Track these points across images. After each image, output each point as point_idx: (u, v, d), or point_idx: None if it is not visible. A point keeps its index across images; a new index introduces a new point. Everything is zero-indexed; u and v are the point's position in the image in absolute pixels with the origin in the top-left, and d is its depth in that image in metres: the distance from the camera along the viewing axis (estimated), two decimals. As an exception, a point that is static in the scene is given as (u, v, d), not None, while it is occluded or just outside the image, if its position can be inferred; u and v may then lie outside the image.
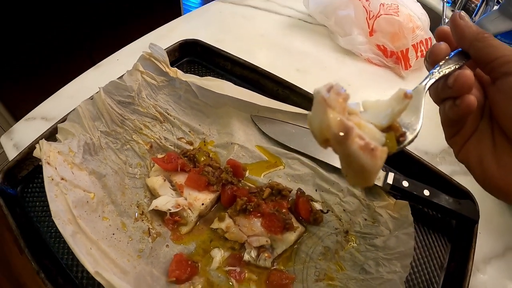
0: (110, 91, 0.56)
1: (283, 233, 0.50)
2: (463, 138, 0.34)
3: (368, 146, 0.26)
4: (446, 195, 0.54)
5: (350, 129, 0.26)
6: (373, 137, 0.28)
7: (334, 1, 0.89)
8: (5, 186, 0.53)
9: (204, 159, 0.56)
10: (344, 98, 0.27)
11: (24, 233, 0.48)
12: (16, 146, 0.63)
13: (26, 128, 0.66)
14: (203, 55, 0.76)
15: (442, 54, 0.33)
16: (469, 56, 0.32)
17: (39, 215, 0.52)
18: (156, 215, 0.53)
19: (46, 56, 1.57)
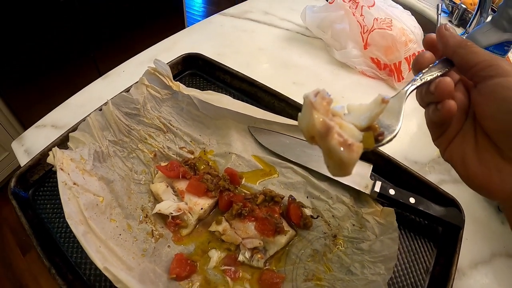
0: (118, 103, 0.61)
1: (275, 236, 0.53)
2: (448, 138, 0.36)
3: (346, 142, 0.30)
4: (432, 203, 0.56)
5: (331, 128, 0.30)
6: (352, 135, 0.31)
7: (330, 15, 0.92)
8: (18, 189, 0.56)
9: (204, 167, 0.60)
10: (327, 102, 0.32)
11: (36, 233, 0.51)
12: (27, 152, 0.66)
13: (36, 134, 0.70)
14: (204, 68, 0.80)
15: (426, 62, 0.35)
16: (453, 64, 0.34)
17: (50, 216, 0.56)
18: (159, 218, 0.56)
19: (52, 64, 1.60)
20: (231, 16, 1.05)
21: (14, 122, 1.59)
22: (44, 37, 1.50)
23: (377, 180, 0.59)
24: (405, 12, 0.95)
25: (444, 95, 0.33)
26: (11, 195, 0.55)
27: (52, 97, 1.58)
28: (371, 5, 0.91)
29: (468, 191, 0.65)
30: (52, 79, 1.63)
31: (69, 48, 1.64)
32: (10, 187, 0.55)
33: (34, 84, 1.58)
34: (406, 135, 0.77)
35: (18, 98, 1.55)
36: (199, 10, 3.03)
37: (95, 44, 1.74)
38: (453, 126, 0.35)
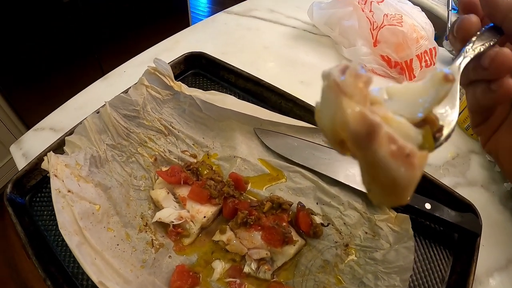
0: (116, 105, 0.58)
1: (283, 246, 0.50)
2: (493, 126, 0.31)
3: (403, 152, 0.19)
4: (448, 208, 0.54)
5: (377, 126, 0.19)
6: (406, 136, 0.21)
7: (338, 12, 0.90)
8: (14, 195, 0.54)
9: (207, 172, 0.57)
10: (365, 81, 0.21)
11: (32, 241, 0.49)
12: (25, 156, 0.65)
13: (34, 138, 0.68)
14: (208, 67, 0.77)
15: (473, 28, 0.28)
16: (502, 32, 0.28)
17: (47, 224, 0.54)
18: (160, 226, 0.54)
19: (56, 65, 1.60)
20: (235, 14, 1.02)
21: (19, 124, 1.59)
22: (48, 38, 1.50)
23: (390, 184, 0.56)
24: (415, 8, 0.92)
25: (502, 71, 0.27)
26: (7, 201, 0.52)
27: (57, 98, 1.56)
28: (381, 0, 0.88)
29: (483, 194, 0.65)
30: (56, 80, 1.62)
31: (73, 49, 1.63)
32: (6, 193, 0.53)
33: (38, 86, 1.58)
34: None
35: (22, 99, 1.54)
36: (204, 11, 3.01)
37: (99, 45, 1.73)
38: (499, 111, 0.30)
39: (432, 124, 0.23)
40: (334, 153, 0.60)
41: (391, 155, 0.19)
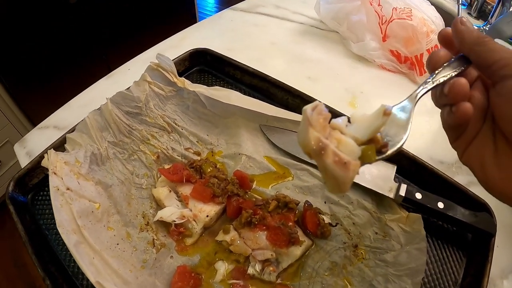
0: (117, 101, 0.57)
1: (289, 247, 0.49)
2: (466, 141, 0.34)
3: (341, 161, 0.29)
4: (461, 208, 0.52)
5: (326, 146, 0.30)
6: (350, 152, 0.31)
7: (346, 6, 0.88)
8: (16, 194, 0.54)
9: (211, 170, 0.55)
10: (324, 118, 0.31)
11: (32, 240, 0.49)
12: (29, 155, 0.64)
13: (38, 136, 0.68)
14: (213, 64, 0.76)
15: (440, 61, 0.33)
16: (470, 61, 0.32)
17: (48, 223, 0.53)
18: (161, 225, 0.52)
19: (64, 65, 1.61)
20: (241, 10, 1.01)
21: (27, 123, 1.60)
22: (54, 37, 1.50)
23: (401, 182, 0.54)
24: (424, 2, 0.90)
25: (458, 97, 0.31)
26: (8, 199, 0.52)
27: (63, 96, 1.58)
28: (389, -6, 0.86)
29: None
30: (64, 79, 1.63)
31: (81, 49, 1.64)
32: (8, 191, 0.52)
33: (45, 84, 1.59)
34: (430, 133, 0.72)
35: (29, 98, 1.55)
36: (212, 11, 3.02)
37: (106, 44, 1.74)
38: (471, 128, 0.33)
39: (377, 143, 0.32)
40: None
41: (334, 163, 0.30)
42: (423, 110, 0.74)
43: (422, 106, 0.74)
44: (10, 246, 1.66)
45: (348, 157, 0.30)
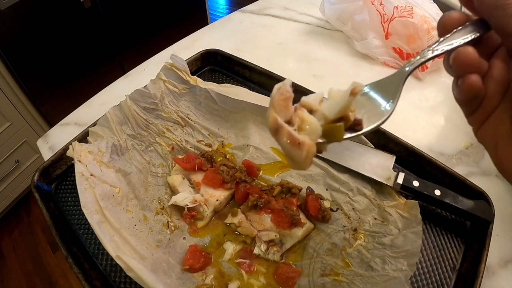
0: (135, 98, 0.61)
1: (291, 228, 0.52)
2: (482, 117, 0.30)
3: (295, 141, 0.30)
4: (459, 195, 0.53)
5: (280, 127, 0.30)
6: (311, 131, 0.31)
7: (349, 7, 0.90)
8: (40, 183, 0.59)
9: (221, 159, 0.59)
10: (285, 98, 0.31)
11: (56, 224, 0.53)
12: (52, 149, 0.69)
13: (60, 132, 0.73)
14: (223, 63, 0.80)
15: (452, 24, 0.29)
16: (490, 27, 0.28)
17: (70, 209, 0.58)
18: (175, 209, 0.57)
19: (79, 67, 1.66)
20: (250, 12, 1.05)
21: (44, 124, 1.66)
22: (71, 41, 1.56)
23: (400, 171, 0.57)
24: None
25: (462, 69, 0.28)
26: (34, 187, 0.57)
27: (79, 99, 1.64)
28: (391, -8, 0.88)
29: (498, 184, 0.63)
30: (79, 81, 1.68)
31: (96, 51, 1.69)
32: (33, 181, 0.58)
33: (62, 87, 1.64)
34: (431, 126, 0.74)
35: (47, 100, 1.61)
36: (223, 12, 3.06)
37: (121, 47, 1.79)
38: (487, 102, 0.29)
39: (347, 121, 0.31)
40: (344, 142, 0.61)
41: (289, 143, 0.30)
42: (424, 104, 0.77)
43: (423, 100, 0.77)
44: (28, 242, 1.73)
45: (302, 137, 0.30)
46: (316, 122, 0.31)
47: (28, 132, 1.61)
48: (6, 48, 1.34)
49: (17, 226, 1.78)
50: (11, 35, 1.35)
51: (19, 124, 1.56)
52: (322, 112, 0.31)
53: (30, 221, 1.79)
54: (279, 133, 0.30)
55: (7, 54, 1.35)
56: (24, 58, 1.43)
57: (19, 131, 1.57)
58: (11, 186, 1.69)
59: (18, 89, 1.47)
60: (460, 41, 0.28)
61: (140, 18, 1.82)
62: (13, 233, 1.76)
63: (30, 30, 1.40)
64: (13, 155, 1.61)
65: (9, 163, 1.61)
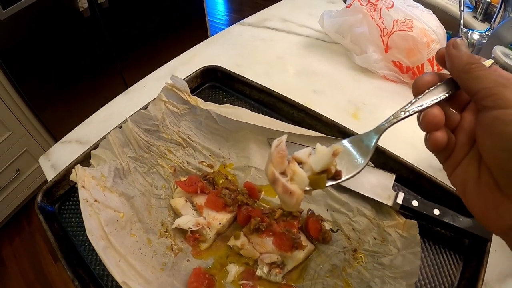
0: (137, 120, 0.62)
1: (293, 251, 0.53)
2: (454, 163, 0.33)
3: (287, 191, 0.37)
4: (457, 214, 0.54)
5: (277, 180, 0.38)
6: (300, 181, 0.38)
7: (349, 20, 0.90)
8: (44, 204, 0.60)
9: (223, 181, 0.60)
10: (281, 155, 0.38)
11: (61, 246, 0.54)
12: (54, 167, 0.70)
13: (62, 150, 0.73)
14: (223, 80, 0.80)
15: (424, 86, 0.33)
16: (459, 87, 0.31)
17: (74, 230, 0.59)
18: (179, 232, 0.58)
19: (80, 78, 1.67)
20: (249, 25, 1.06)
21: (45, 134, 1.68)
22: (70, 50, 1.57)
23: (400, 190, 0.58)
24: (425, 12, 0.91)
25: (428, 128, 0.31)
26: (38, 209, 0.58)
27: (79, 108, 1.66)
28: (390, 6, 0.88)
29: None
30: (79, 90, 1.69)
31: (95, 60, 1.70)
32: (36, 202, 0.59)
33: (62, 96, 1.65)
34: None
35: (47, 109, 1.62)
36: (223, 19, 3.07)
37: (120, 55, 1.79)
38: (458, 150, 0.33)
39: (329, 173, 0.37)
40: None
41: (282, 192, 0.38)
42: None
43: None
44: (29, 251, 1.73)
45: (293, 187, 0.37)
46: (304, 175, 0.37)
47: (29, 141, 1.62)
48: (6, 57, 1.35)
49: (18, 234, 1.79)
50: (11, 44, 1.36)
51: (20, 134, 1.57)
52: (310, 165, 0.38)
53: (31, 229, 1.80)
54: (275, 184, 0.38)
55: (7, 64, 1.36)
56: (24, 67, 1.44)
57: (19, 141, 1.59)
58: (12, 195, 1.70)
59: (19, 98, 1.48)
60: (430, 102, 0.32)
61: (139, 26, 1.82)
62: (14, 241, 1.77)
63: (30, 39, 1.40)
64: (14, 164, 1.62)
65: (10, 172, 1.62)
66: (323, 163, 0.37)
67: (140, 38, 1.85)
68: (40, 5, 1.36)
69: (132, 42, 1.82)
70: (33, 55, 1.44)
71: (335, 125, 0.66)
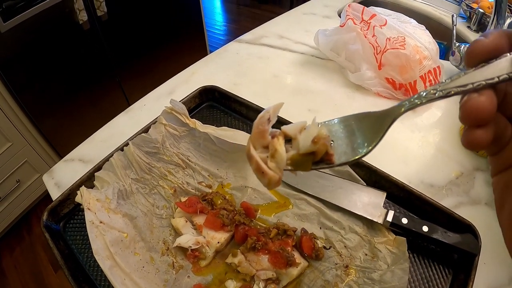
0: (138, 143, 0.65)
1: (287, 268, 0.56)
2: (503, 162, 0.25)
3: (260, 170, 0.34)
4: (445, 230, 0.56)
5: (251, 156, 0.34)
6: (279, 161, 0.33)
7: (343, 38, 0.93)
8: (49, 222, 0.62)
9: (221, 202, 0.63)
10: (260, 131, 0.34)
11: (68, 263, 0.56)
12: (57, 185, 0.72)
13: (65, 168, 0.75)
14: (221, 100, 0.83)
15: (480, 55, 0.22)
16: None
17: (80, 247, 0.61)
18: (180, 250, 0.60)
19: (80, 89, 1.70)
20: (246, 42, 1.08)
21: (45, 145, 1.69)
22: (70, 62, 1.60)
23: (390, 208, 0.60)
24: (418, 27, 0.94)
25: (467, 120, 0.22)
26: (44, 227, 0.60)
27: (81, 119, 1.69)
28: (383, 24, 0.91)
29: (487, 213, 0.65)
30: (78, 101, 1.72)
31: (94, 71, 1.73)
32: (42, 220, 0.61)
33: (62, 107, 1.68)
34: (422, 156, 0.76)
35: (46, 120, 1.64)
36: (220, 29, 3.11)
37: (119, 67, 1.82)
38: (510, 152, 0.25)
39: (315, 156, 0.32)
40: (337, 181, 0.66)
41: (255, 170, 0.34)
42: (416, 135, 0.79)
43: (415, 130, 0.80)
44: (29, 261, 1.74)
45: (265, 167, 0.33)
46: (283, 154, 0.33)
47: (29, 152, 1.65)
48: (6, 68, 1.38)
49: (18, 244, 1.80)
50: (11, 56, 1.38)
51: (20, 145, 1.60)
52: (298, 142, 0.33)
53: (32, 240, 1.81)
54: (250, 160, 0.35)
55: (7, 75, 1.39)
56: (24, 79, 1.47)
57: (20, 152, 1.61)
58: (12, 205, 1.72)
59: (19, 109, 1.50)
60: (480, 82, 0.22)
61: (138, 37, 1.85)
62: (15, 251, 1.78)
63: (30, 51, 1.43)
64: (14, 175, 1.64)
65: (11, 182, 1.64)
66: (307, 145, 0.32)
67: (139, 49, 1.88)
68: (41, 18, 1.39)
69: (131, 54, 1.85)
70: (33, 67, 1.47)
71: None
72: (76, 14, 1.49)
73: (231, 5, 3.59)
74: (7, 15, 1.29)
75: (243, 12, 3.35)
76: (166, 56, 1.97)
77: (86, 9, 1.51)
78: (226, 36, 3.01)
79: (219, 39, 2.99)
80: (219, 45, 2.92)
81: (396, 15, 0.99)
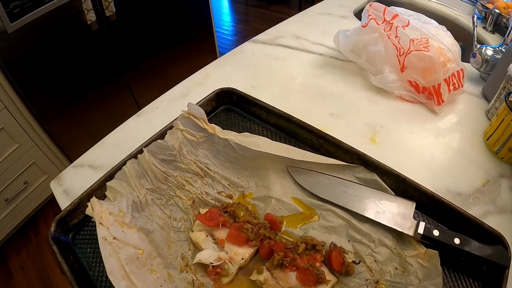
0: (153, 150, 0.61)
1: (316, 285, 0.52)
2: None
3: None
4: (476, 242, 0.54)
5: None
6: None
7: (364, 38, 0.89)
8: (58, 234, 0.58)
9: (243, 214, 0.59)
10: None
11: (78, 279, 0.53)
12: (66, 193, 0.68)
13: (74, 175, 0.71)
14: (238, 103, 0.79)
15: None
16: None
17: (90, 261, 0.57)
18: (200, 266, 0.56)
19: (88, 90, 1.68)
20: (262, 43, 1.04)
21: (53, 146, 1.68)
22: (77, 62, 1.58)
23: (420, 219, 0.57)
24: (440, 28, 0.91)
25: None
26: (52, 240, 0.56)
27: (89, 121, 1.67)
28: (406, 25, 0.88)
29: None
30: (87, 104, 1.70)
31: (102, 72, 1.71)
32: (50, 232, 0.57)
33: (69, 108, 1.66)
34: (448, 164, 0.73)
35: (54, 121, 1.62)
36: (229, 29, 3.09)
37: (127, 67, 1.80)
38: None
39: None
40: (365, 190, 0.62)
41: None
42: (441, 140, 0.77)
43: (439, 135, 0.77)
44: (36, 263, 1.73)
45: None
46: None
47: (36, 153, 1.63)
48: (13, 69, 1.36)
49: (25, 246, 1.79)
50: (18, 57, 1.36)
51: (28, 146, 1.58)
52: None
53: (39, 241, 1.80)
54: None
55: (14, 76, 1.37)
56: (32, 80, 1.45)
57: (27, 153, 1.59)
58: (20, 207, 1.71)
59: (26, 111, 1.49)
60: None
61: (146, 38, 1.83)
62: (21, 253, 1.76)
63: (37, 52, 1.41)
64: (21, 176, 1.63)
65: (18, 184, 1.63)
66: None
67: (148, 50, 1.85)
68: (48, 18, 1.37)
69: (139, 54, 1.82)
70: (40, 68, 1.45)
71: (354, 152, 0.65)
72: (84, 14, 1.46)
73: (239, 5, 3.56)
74: (14, 15, 1.26)
75: (251, 13, 3.32)
76: (174, 56, 1.94)
77: (94, 10, 1.48)
78: (234, 37, 2.98)
79: (227, 40, 2.96)
80: (228, 45, 2.91)
81: (417, 15, 0.96)
